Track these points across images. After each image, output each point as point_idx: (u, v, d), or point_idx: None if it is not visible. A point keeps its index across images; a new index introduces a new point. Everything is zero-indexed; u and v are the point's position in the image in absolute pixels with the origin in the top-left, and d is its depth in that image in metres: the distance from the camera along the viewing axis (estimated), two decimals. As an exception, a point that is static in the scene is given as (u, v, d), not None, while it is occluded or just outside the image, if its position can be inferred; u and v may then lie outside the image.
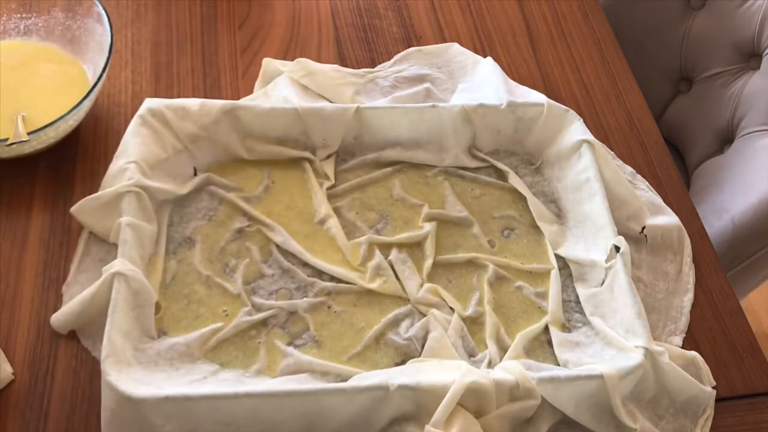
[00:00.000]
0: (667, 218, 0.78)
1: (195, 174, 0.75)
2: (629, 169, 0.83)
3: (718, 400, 0.68)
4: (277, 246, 0.72)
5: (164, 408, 0.58)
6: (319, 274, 0.71)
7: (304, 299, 0.69)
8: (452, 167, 0.79)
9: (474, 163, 0.79)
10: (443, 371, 0.62)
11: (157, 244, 0.70)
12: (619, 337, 0.66)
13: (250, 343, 0.66)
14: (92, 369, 0.65)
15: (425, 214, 0.75)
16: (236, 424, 0.59)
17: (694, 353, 0.69)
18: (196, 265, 0.70)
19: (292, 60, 0.85)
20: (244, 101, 0.78)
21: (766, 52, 1.03)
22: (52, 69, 0.80)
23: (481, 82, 0.85)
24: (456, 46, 0.91)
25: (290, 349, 0.66)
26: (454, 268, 0.73)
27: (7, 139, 0.70)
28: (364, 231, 0.74)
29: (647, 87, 0.96)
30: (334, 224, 0.73)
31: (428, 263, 0.72)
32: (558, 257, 0.74)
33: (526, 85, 0.86)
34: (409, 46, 0.91)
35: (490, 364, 0.66)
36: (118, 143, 0.74)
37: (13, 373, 0.64)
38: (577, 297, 0.71)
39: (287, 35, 0.91)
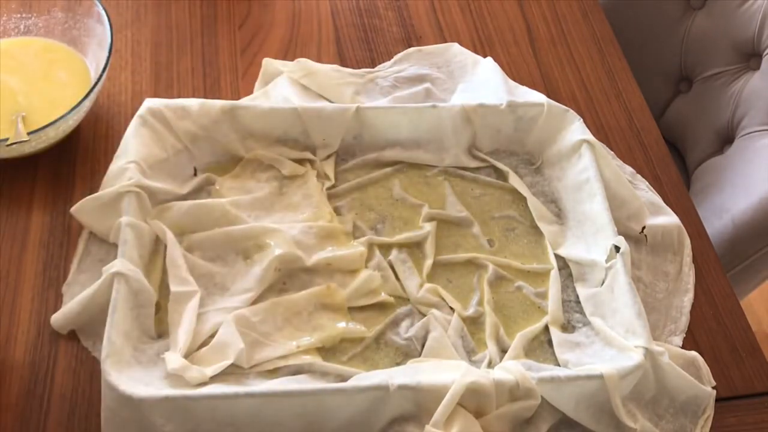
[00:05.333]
0: (667, 218, 0.78)
1: (195, 174, 0.75)
2: (629, 169, 0.83)
3: (718, 400, 0.68)
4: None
5: (164, 408, 0.58)
6: (319, 274, 0.71)
7: (304, 299, 0.69)
8: (452, 167, 0.79)
9: (474, 163, 0.79)
10: (443, 371, 0.62)
11: (157, 243, 0.70)
12: (619, 337, 0.66)
13: (250, 343, 0.66)
14: (92, 369, 0.65)
15: (425, 214, 0.75)
16: (236, 424, 0.59)
17: (694, 353, 0.69)
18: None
19: (292, 60, 0.85)
20: (244, 101, 0.78)
21: (766, 52, 1.03)
22: (53, 68, 0.80)
23: (481, 82, 0.85)
24: (456, 46, 0.91)
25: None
26: (454, 268, 0.73)
27: (7, 139, 0.70)
28: (364, 231, 0.74)
29: (647, 87, 0.96)
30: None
31: (428, 263, 0.72)
32: (558, 257, 0.74)
33: (526, 85, 0.86)
34: (409, 46, 0.91)
35: (490, 364, 0.66)
36: (118, 143, 0.74)
37: None
38: (577, 297, 0.71)
39: (287, 35, 0.92)
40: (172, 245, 0.68)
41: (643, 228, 0.76)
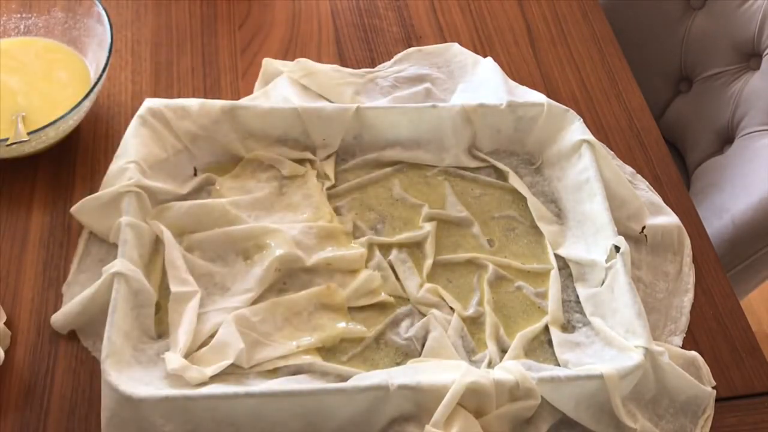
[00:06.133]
0: (667, 218, 0.78)
1: (195, 174, 0.75)
2: (629, 169, 0.83)
3: (718, 400, 0.68)
4: (277, 246, 0.72)
5: (164, 408, 0.58)
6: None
7: (304, 299, 0.69)
8: (452, 167, 0.79)
9: (474, 163, 0.79)
10: (443, 371, 0.62)
11: (157, 243, 0.70)
12: (619, 337, 0.66)
13: (250, 343, 0.66)
14: (92, 369, 0.65)
15: (425, 214, 0.75)
16: (236, 424, 0.59)
17: (694, 353, 0.69)
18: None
19: (292, 60, 0.85)
20: (244, 101, 0.78)
21: (766, 52, 1.03)
22: (53, 68, 0.80)
23: (481, 82, 0.85)
24: (456, 46, 0.91)
25: (290, 349, 0.66)
26: (454, 268, 0.73)
27: (7, 139, 0.70)
28: (364, 231, 0.74)
29: (647, 87, 0.96)
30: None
31: (428, 263, 0.72)
32: (558, 257, 0.74)
33: (526, 85, 0.86)
34: (409, 46, 0.91)
35: (490, 364, 0.66)
36: (118, 143, 0.74)
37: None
38: (577, 297, 0.71)
39: (287, 35, 0.92)
40: (171, 246, 0.68)
41: (643, 228, 0.76)
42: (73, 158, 0.78)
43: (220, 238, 0.70)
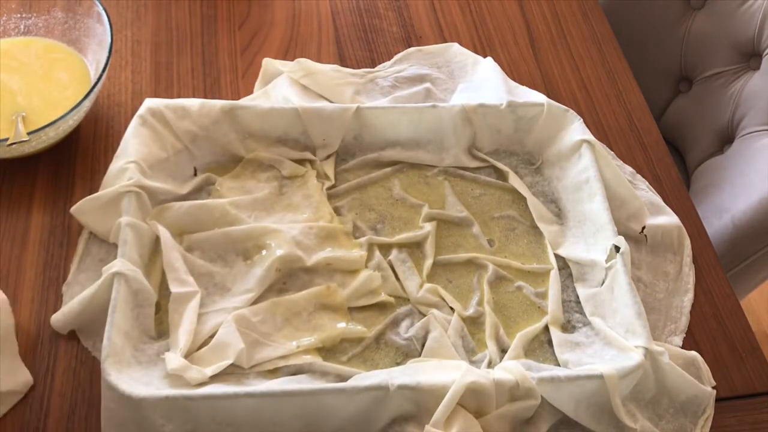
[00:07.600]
0: (667, 218, 0.78)
1: (195, 174, 0.75)
2: (629, 169, 0.83)
3: (717, 400, 0.68)
4: (277, 246, 0.72)
5: (164, 408, 0.58)
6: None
7: (304, 299, 0.69)
8: (452, 167, 0.79)
9: (474, 163, 0.79)
10: (443, 371, 0.62)
11: (157, 243, 0.70)
12: (619, 337, 0.66)
13: (250, 343, 0.66)
14: (92, 369, 0.65)
15: (425, 214, 0.75)
16: (236, 424, 0.59)
17: (694, 353, 0.69)
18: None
19: (292, 60, 0.85)
20: (244, 101, 0.78)
21: (766, 52, 1.03)
22: (53, 68, 0.80)
23: (481, 82, 0.85)
24: (456, 46, 0.91)
25: (290, 349, 0.66)
26: (454, 268, 0.73)
27: (7, 139, 0.70)
28: (364, 231, 0.74)
29: (647, 87, 0.96)
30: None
31: (428, 263, 0.72)
32: (558, 257, 0.74)
33: (526, 85, 0.86)
34: (409, 46, 0.91)
35: (490, 364, 0.66)
36: (118, 143, 0.74)
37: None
38: (577, 297, 0.71)
39: (287, 35, 0.92)
40: (169, 248, 0.68)
41: (643, 228, 0.76)
42: (73, 158, 0.78)
43: (220, 238, 0.70)
